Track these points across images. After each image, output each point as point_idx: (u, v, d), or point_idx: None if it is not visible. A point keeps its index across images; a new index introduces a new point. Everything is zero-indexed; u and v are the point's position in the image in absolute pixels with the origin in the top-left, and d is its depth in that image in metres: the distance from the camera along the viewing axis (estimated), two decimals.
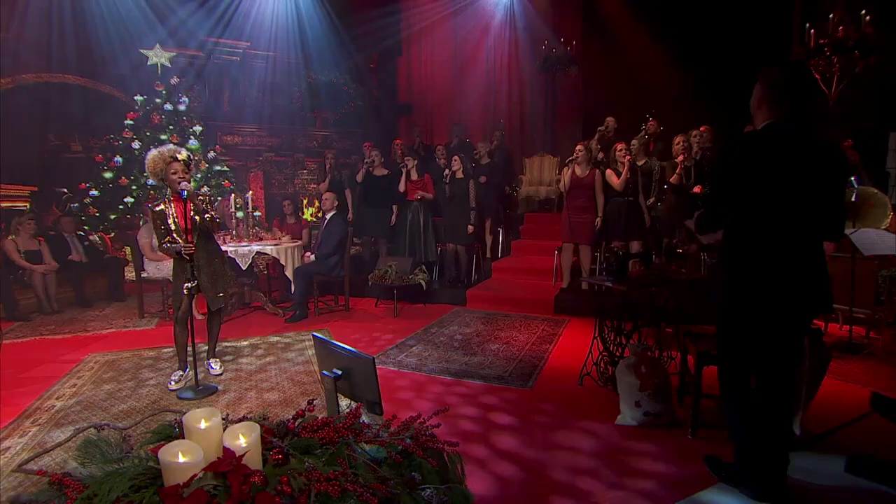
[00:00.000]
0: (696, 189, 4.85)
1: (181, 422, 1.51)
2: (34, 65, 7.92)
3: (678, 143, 5.17)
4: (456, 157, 6.24)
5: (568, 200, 5.60)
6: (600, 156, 6.62)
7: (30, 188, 8.33)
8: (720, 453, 2.39)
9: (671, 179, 5.11)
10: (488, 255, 7.15)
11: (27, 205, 8.18)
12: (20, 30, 7.54)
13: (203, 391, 3.34)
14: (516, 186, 8.30)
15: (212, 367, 3.72)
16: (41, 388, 3.48)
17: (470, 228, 6.16)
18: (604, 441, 2.70)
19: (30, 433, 2.79)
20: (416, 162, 6.29)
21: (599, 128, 6.82)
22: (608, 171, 5.53)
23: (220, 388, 3.46)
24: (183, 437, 1.46)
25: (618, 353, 3.27)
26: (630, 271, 3.31)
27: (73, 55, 7.88)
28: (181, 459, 1.24)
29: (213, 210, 3.50)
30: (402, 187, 6.27)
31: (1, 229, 6.99)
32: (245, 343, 4.53)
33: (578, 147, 5.50)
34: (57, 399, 3.28)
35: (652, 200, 5.17)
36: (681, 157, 5.12)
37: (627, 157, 5.32)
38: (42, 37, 7.63)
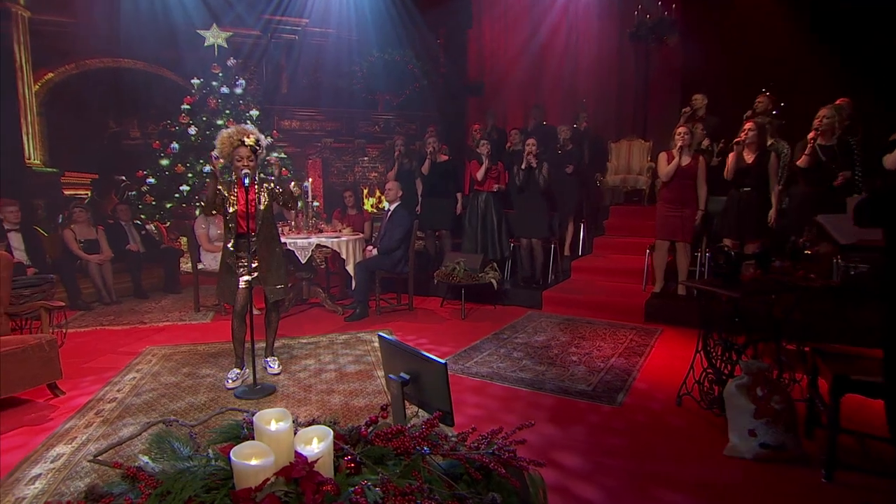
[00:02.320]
0: (841, 177, 4.47)
1: (250, 422, 1.59)
2: (97, 50, 8.66)
3: (821, 119, 4.68)
4: (531, 142, 6.15)
5: (664, 191, 5.38)
6: (705, 143, 6.31)
7: (91, 176, 9.14)
8: None
9: (798, 163, 4.74)
10: (567, 252, 7.02)
11: (88, 193, 8.99)
12: (85, 15, 8.25)
13: (260, 391, 3.50)
14: (601, 175, 8.08)
15: (269, 366, 3.90)
16: (102, 379, 3.80)
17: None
18: (709, 474, 2.56)
19: (94, 424, 3.05)
20: (489, 147, 6.27)
21: (684, 109, 6.48)
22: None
23: (277, 388, 3.62)
24: (252, 439, 1.53)
25: (726, 371, 3.09)
26: (742, 275, 3.12)
27: (135, 38, 8.49)
28: (253, 462, 1.30)
29: (280, 192, 3.69)
30: (480, 175, 6.27)
31: (64, 217, 7.71)
32: (302, 341, 4.72)
33: (681, 130, 5.23)
34: (118, 391, 3.56)
35: (778, 190, 4.80)
36: (811, 135, 4.73)
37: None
38: (105, 21, 8.30)
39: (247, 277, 3.55)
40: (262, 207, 3.60)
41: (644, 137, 8.12)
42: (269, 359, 3.96)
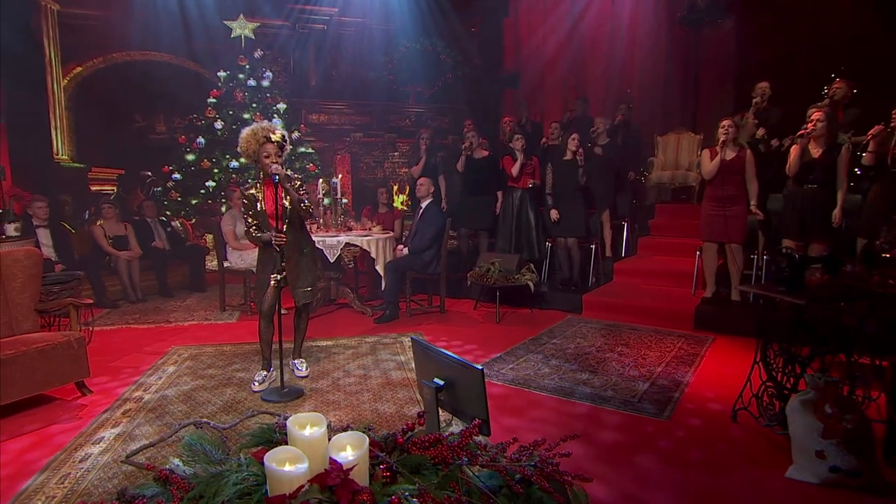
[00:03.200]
0: None
1: (283, 426, 1.61)
2: (124, 43, 8.95)
3: None
4: (574, 137, 6.08)
5: (710, 189, 5.26)
6: (759, 132, 6.13)
7: (117, 171, 9.46)
8: None
9: (864, 159, 4.57)
10: (608, 253, 6.92)
11: (114, 188, 9.30)
12: (112, 7, 8.54)
13: (288, 394, 3.55)
14: (645, 171, 7.94)
15: (297, 368, 3.96)
16: (129, 378, 3.92)
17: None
18: (770, 497, 2.48)
19: (121, 424, 3.15)
20: (523, 141, 6.22)
21: (755, 98, 6.27)
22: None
23: (305, 391, 3.66)
24: (284, 443, 1.55)
25: (788, 385, 2.99)
26: (808, 280, 3.01)
27: (161, 31, 8.73)
28: (287, 468, 1.31)
29: (305, 195, 3.70)
30: (515, 171, 6.24)
31: (91, 213, 8.00)
32: (330, 343, 4.77)
33: (725, 123, 5.11)
34: (144, 391, 3.67)
35: (845, 188, 4.61)
36: (876, 129, 4.54)
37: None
38: (132, 13, 8.55)
39: (276, 276, 3.60)
40: (288, 206, 3.63)
41: (694, 130, 7.95)
42: (296, 361, 4.01)
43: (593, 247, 6.41)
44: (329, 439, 1.48)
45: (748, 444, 2.95)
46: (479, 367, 2.03)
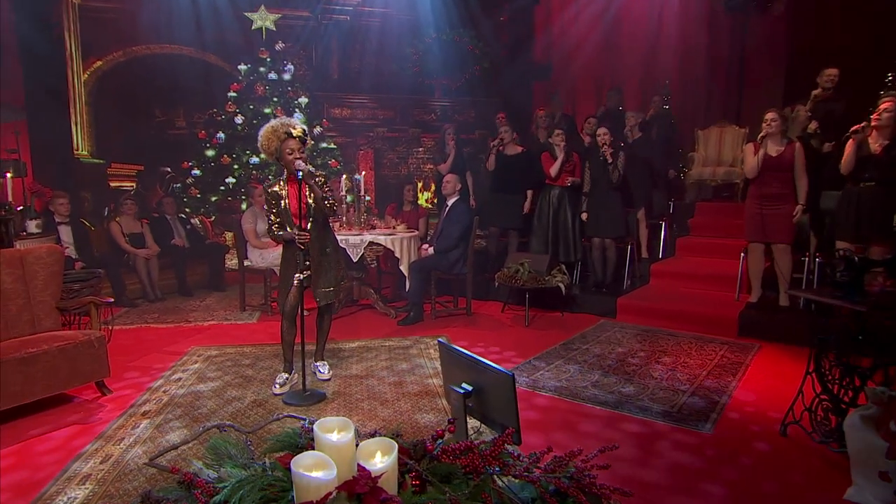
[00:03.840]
0: None
1: (309, 430, 1.62)
2: (145, 36, 9.15)
3: None
4: (603, 131, 6.01)
5: (755, 187, 5.16)
6: (812, 126, 5.97)
7: (137, 167, 9.68)
8: None
9: None
10: (644, 254, 6.83)
11: (134, 185, 9.52)
12: (132, 0, 8.72)
13: (310, 397, 3.58)
14: (684, 167, 7.82)
15: (319, 371, 3.99)
16: (149, 379, 4.01)
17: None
18: None
19: (141, 425, 3.22)
20: (564, 137, 6.17)
21: (816, 90, 6.07)
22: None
23: (328, 394, 3.69)
24: (309, 448, 1.56)
25: (846, 399, 2.90)
26: (868, 285, 2.92)
27: (181, 23, 8.89)
28: (315, 474, 1.32)
29: (329, 193, 3.74)
30: (554, 171, 6.19)
31: (110, 210, 8.20)
32: (352, 345, 4.80)
33: (770, 116, 4.99)
34: (164, 392, 3.74)
35: None
36: None
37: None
38: (152, 5, 8.73)
39: (299, 275, 3.63)
40: (311, 203, 3.67)
41: (738, 123, 7.79)
42: (318, 363, 4.05)
43: (629, 247, 6.34)
44: (356, 445, 1.49)
45: (800, 462, 2.87)
46: (510, 373, 2.02)
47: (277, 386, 3.75)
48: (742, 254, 5.52)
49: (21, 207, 6.08)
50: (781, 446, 3.05)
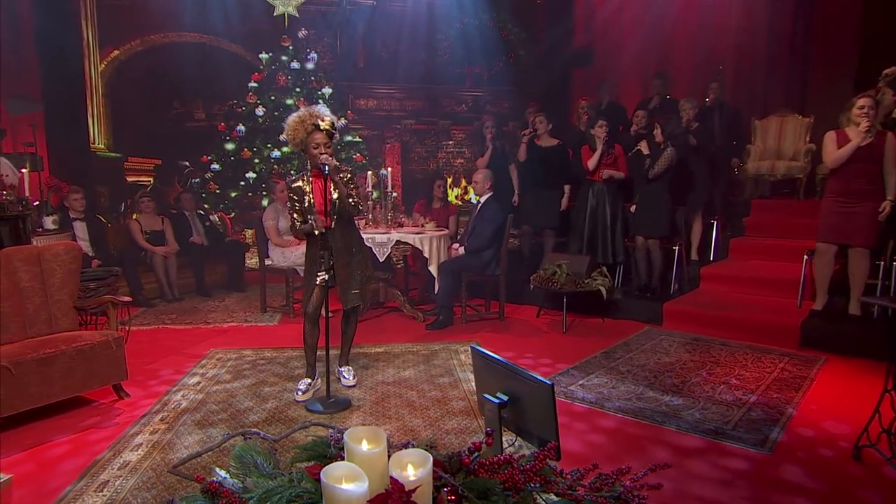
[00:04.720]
0: None
1: (338, 440, 1.64)
2: (163, 24, 9.35)
3: None
4: (655, 125, 5.94)
5: (833, 181, 4.97)
6: None
7: (154, 161, 9.90)
8: None
9: None
10: (694, 256, 6.72)
11: (151, 179, 9.74)
12: None
13: (334, 404, 3.62)
14: (740, 161, 7.66)
15: (344, 377, 4.03)
16: (167, 382, 4.10)
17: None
18: None
19: (160, 431, 3.29)
20: (607, 128, 6.11)
21: (886, 71, 5.86)
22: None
23: (353, 401, 3.73)
24: (339, 458, 1.58)
25: None
26: None
27: (200, 9, 9.06)
28: (345, 486, 1.33)
29: (354, 190, 3.77)
30: (592, 164, 6.13)
31: (126, 206, 8.41)
32: (379, 350, 4.84)
33: (863, 102, 4.72)
34: (182, 397, 3.82)
35: None
36: None
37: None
38: None
39: (322, 275, 3.67)
40: (337, 200, 3.70)
41: (802, 112, 7.60)
42: (343, 368, 4.09)
43: (676, 248, 6.23)
44: (388, 456, 1.49)
45: (877, 489, 2.78)
46: (549, 382, 2.01)
47: (300, 392, 3.80)
48: (806, 256, 5.37)
49: (37, 203, 6.27)
50: (854, 471, 2.95)
